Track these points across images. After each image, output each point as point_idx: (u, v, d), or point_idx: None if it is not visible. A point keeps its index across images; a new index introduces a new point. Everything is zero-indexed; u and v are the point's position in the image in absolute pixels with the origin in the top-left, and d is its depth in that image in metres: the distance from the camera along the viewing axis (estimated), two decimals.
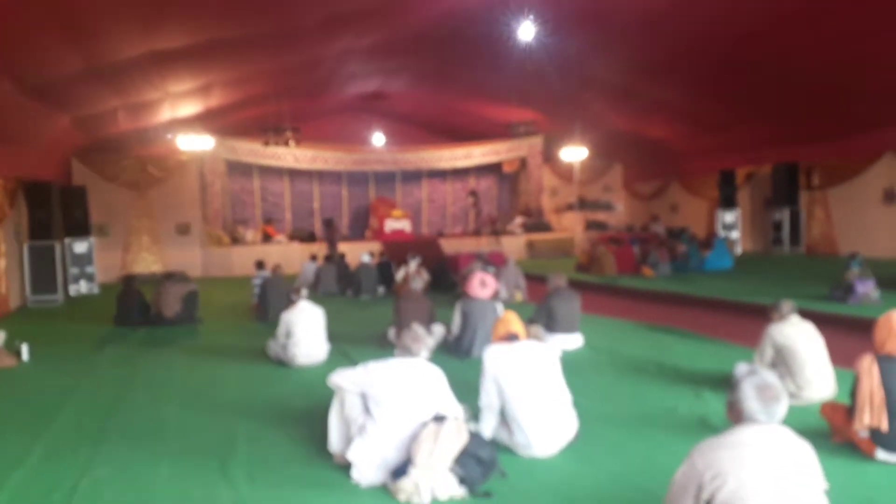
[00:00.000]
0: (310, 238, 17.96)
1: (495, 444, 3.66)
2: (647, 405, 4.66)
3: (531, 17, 10.83)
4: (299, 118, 17.37)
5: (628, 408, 4.61)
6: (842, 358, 4.83)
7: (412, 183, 21.70)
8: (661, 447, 3.81)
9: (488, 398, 3.81)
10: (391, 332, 6.96)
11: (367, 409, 3.48)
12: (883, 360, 3.42)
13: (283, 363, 6.21)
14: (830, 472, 2.46)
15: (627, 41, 12.31)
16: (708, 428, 4.01)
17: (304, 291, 6.40)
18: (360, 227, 20.39)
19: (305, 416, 4.52)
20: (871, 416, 3.36)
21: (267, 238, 17.62)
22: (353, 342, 7.11)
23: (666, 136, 18.28)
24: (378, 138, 20.70)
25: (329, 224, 16.53)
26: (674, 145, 18.80)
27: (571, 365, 5.34)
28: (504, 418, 3.82)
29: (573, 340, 6.76)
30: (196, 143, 14.95)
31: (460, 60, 14.61)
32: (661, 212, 20.85)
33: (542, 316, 6.78)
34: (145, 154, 16.09)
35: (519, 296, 10.38)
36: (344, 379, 3.58)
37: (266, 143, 16.26)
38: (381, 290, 11.68)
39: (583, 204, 21.14)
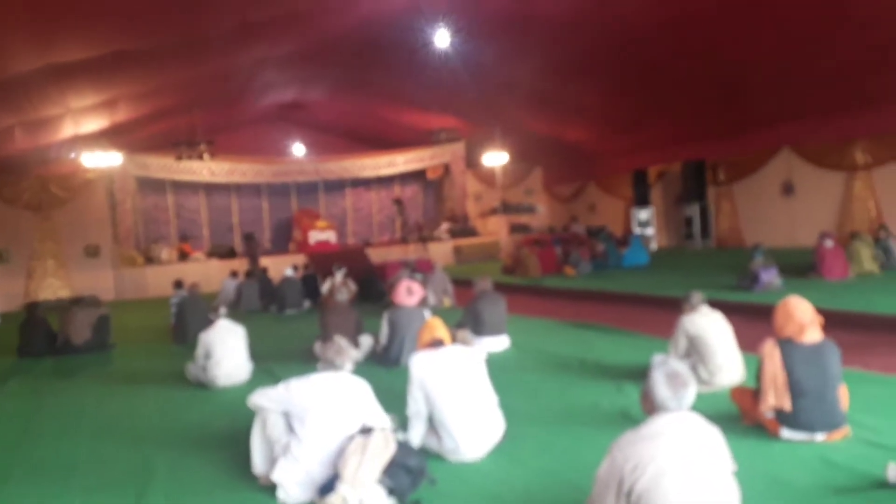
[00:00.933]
0: (230, 254, 17.42)
1: (424, 452, 3.65)
2: (572, 401, 4.77)
3: (447, 24, 10.97)
4: (213, 130, 16.87)
5: (553, 405, 4.71)
6: (750, 344, 5.09)
7: (336, 193, 21.46)
8: (585, 442, 3.90)
9: (416, 406, 3.81)
10: (318, 346, 6.82)
11: (290, 428, 3.39)
12: (783, 344, 3.64)
13: (203, 385, 5.98)
14: (740, 452, 2.59)
15: (541, 47, 12.67)
16: (629, 420, 4.15)
17: (223, 310, 6.19)
18: (283, 240, 19.96)
19: (228, 440, 4.36)
20: (775, 398, 3.56)
21: (184, 256, 16.96)
22: (278, 359, 6.94)
23: (581, 139, 18.90)
24: (298, 148, 20.35)
25: (249, 238, 16.10)
26: (589, 147, 19.46)
27: (498, 366, 5.41)
28: (432, 425, 3.82)
29: (500, 342, 6.85)
30: (103, 160, 14.23)
31: (379, 68, 14.60)
32: (580, 212, 21.51)
33: (469, 320, 6.85)
34: (47, 173, 15.16)
35: (447, 301, 10.44)
36: (264, 398, 3.48)
37: (179, 158, 15.67)
38: (306, 303, 11.46)
39: (506, 207, 21.52)
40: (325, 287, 11.40)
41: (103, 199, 16.13)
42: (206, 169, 17.73)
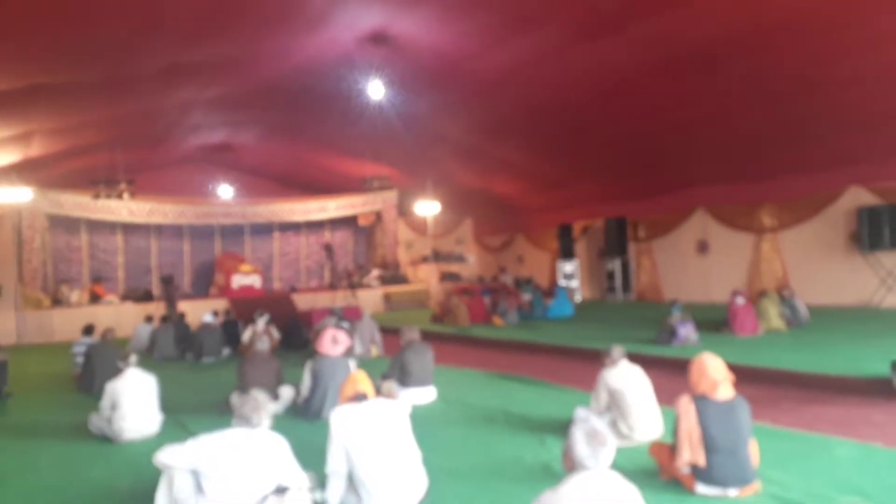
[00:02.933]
0: (146, 297, 16.62)
1: None
2: (496, 456, 4.73)
3: (381, 76, 11.15)
4: (135, 169, 16.32)
5: (477, 460, 4.65)
6: (668, 398, 5.23)
7: (263, 236, 20.99)
8: (508, 498, 3.86)
9: (335, 463, 3.66)
10: (235, 398, 6.52)
11: (199, 487, 3.20)
12: (698, 401, 3.75)
13: (107, 439, 5.58)
14: None
15: (472, 103, 13.03)
16: (551, 475, 4.14)
17: (134, 358, 5.83)
18: (205, 284, 19.25)
19: (131, 500, 4.06)
20: (690, 453, 3.65)
21: (95, 299, 16.04)
22: (191, 411, 6.58)
23: (510, 193, 19.39)
24: (225, 190, 19.88)
25: (167, 281, 15.41)
26: (517, 201, 19.98)
27: (423, 419, 5.33)
28: (352, 483, 3.69)
29: (426, 394, 6.76)
30: (11, 196, 13.44)
31: (312, 115, 14.59)
32: (509, 263, 21.89)
33: (396, 370, 6.75)
34: None
35: (375, 350, 10.27)
36: (171, 457, 3.27)
37: (96, 196, 14.97)
38: (225, 351, 10.99)
39: (437, 256, 21.65)
40: (246, 334, 11.01)
41: (9, 237, 15.16)
42: (126, 209, 17.02)
